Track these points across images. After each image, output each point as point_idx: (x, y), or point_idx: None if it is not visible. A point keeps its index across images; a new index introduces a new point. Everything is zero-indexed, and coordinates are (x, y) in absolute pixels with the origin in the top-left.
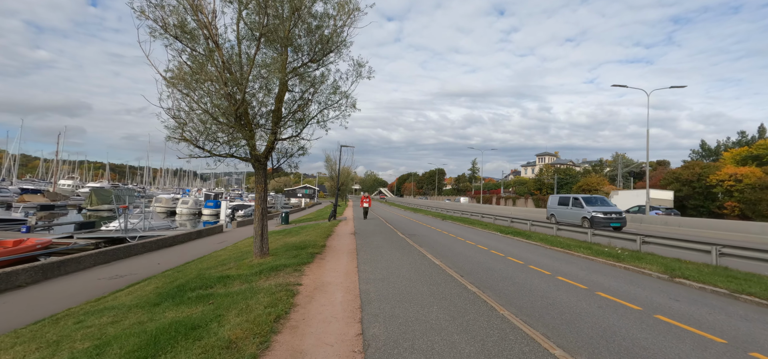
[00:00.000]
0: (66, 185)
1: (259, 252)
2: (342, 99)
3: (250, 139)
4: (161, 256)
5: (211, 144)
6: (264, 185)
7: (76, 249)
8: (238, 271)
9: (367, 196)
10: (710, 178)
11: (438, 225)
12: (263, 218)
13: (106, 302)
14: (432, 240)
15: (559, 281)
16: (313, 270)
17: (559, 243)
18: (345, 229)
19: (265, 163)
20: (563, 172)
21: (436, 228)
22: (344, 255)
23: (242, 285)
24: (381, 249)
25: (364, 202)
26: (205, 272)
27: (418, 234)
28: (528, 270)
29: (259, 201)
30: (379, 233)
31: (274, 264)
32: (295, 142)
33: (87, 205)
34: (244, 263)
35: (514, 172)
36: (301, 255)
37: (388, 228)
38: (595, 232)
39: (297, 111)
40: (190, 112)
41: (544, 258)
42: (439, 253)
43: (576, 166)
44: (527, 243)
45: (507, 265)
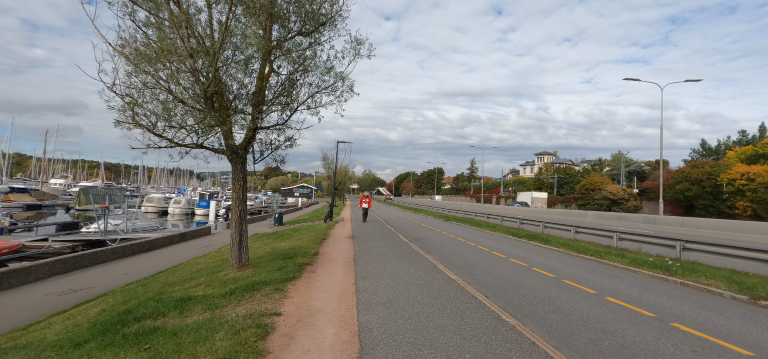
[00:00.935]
0: (58, 184)
1: (237, 263)
2: (337, 81)
3: (225, 126)
4: (135, 263)
5: (175, 131)
6: (243, 182)
7: (50, 253)
8: (206, 290)
9: (367, 196)
10: (721, 176)
11: (442, 227)
12: (242, 222)
13: (29, 333)
14: (439, 245)
15: (612, 305)
16: (300, 289)
17: (585, 250)
18: (342, 232)
19: (244, 156)
20: (563, 172)
21: (440, 231)
22: (340, 265)
23: (203, 315)
24: (383, 257)
25: (363, 202)
26: (167, 289)
27: (422, 237)
28: (565, 286)
29: (236, 201)
30: (379, 237)
31: (253, 279)
32: (282, 131)
33: (75, 205)
34: (217, 278)
35: (512, 171)
36: (287, 268)
37: (388, 231)
38: (621, 237)
39: (283, 93)
40: (143, 89)
41: (575, 268)
42: (451, 263)
43: (575, 165)
44: (548, 249)
45: (537, 279)
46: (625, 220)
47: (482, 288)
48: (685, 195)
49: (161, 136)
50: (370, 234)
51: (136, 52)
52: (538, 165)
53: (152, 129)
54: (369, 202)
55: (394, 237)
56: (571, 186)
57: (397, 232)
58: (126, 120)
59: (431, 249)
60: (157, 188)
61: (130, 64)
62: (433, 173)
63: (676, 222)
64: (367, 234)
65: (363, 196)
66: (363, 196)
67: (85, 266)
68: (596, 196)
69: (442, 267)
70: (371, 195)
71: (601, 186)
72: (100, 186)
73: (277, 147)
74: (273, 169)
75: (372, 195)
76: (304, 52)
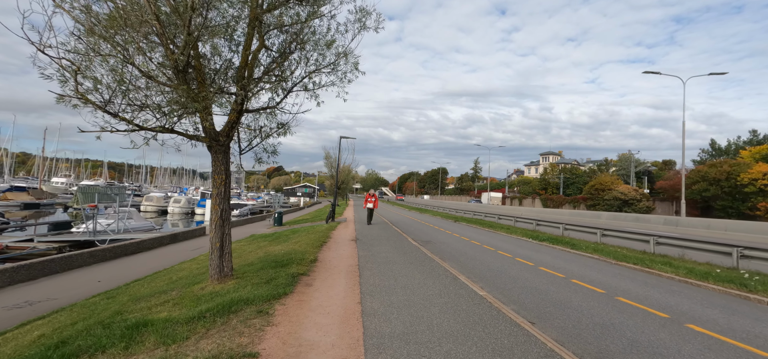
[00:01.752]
0: (60, 183)
1: (217, 273)
2: (340, 59)
3: (198, 103)
4: (115, 268)
5: (137, 111)
6: (225, 176)
7: (35, 254)
8: (172, 310)
9: (372, 195)
10: (741, 176)
11: (452, 228)
12: (224, 224)
13: None
14: (454, 250)
15: (704, 337)
16: (291, 310)
17: (623, 257)
18: (344, 234)
19: (226, 145)
20: (569, 172)
21: (452, 233)
22: (342, 276)
23: (153, 352)
24: (392, 265)
25: (368, 202)
26: (130, 307)
27: (433, 240)
28: (625, 307)
29: (217, 199)
30: (385, 239)
31: (232, 296)
32: (273, 116)
33: (73, 204)
34: (191, 292)
35: (517, 171)
36: (278, 279)
37: (395, 233)
38: (659, 241)
39: (275, 68)
40: (88, 53)
41: (623, 280)
42: (474, 272)
43: (580, 165)
44: (579, 256)
45: (583, 296)
46: (643, 222)
47: (521, 309)
48: (703, 195)
49: (118, 116)
50: (375, 236)
51: (86, 8)
52: (543, 165)
53: (105, 106)
54: (375, 202)
55: (402, 240)
56: (578, 187)
57: (405, 234)
58: (69, 93)
59: (446, 255)
60: (160, 187)
61: (76, 23)
62: (436, 173)
63: (701, 224)
64: (372, 236)
65: (368, 195)
66: (368, 195)
67: (56, 272)
68: (606, 197)
69: (464, 279)
70: (377, 195)
71: (612, 187)
72: (100, 185)
73: (267, 134)
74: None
75: (379, 196)
76: (301, 20)
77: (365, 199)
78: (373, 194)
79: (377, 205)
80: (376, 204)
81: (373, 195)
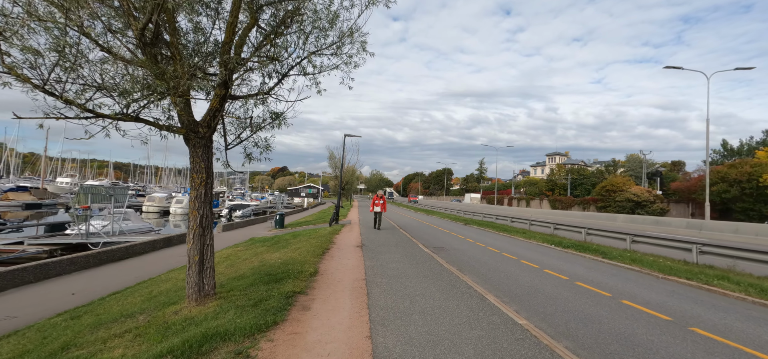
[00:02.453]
0: (64, 183)
1: (196, 293)
2: (344, 38)
3: (173, 88)
4: (96, 277)
5: (91, 93)
6: (206, 176)
7: (24, 258)
8: (129, 348)
9: (380, 196)
10: (764, 177)
11: (463, 232)
12: (205, 234)
13: None
14: (472, 259)
15: None
16: (280, 350)
17: (668, 269)
18: (349, 239)
19: (207, 137)
20: (576, 172)
21: (465, 238)
22: (346, 295)
23: None
24: (405, 280)
25: (375, 205)
26: (78, 341)
27: (447, 247)
28: (711, 344)
29: (196, 203)
30: (394, 246)
31: (209, 327)
32: (264, 103)
33: (74, 204)
34: (162, 317)
35: (522, 172)
36: (270, 300)
37: (403, 238)
38: (702, 250)
39: (266, 45)
40: (19, 15)
41: (683, 301)
42: (502, 289)
43: (588, 166)
44: (614, 266)
45: (650, 327)
46: (663, 225)
47: (579, 347)
48: (723, 197)
49: (62, 98)
50: (382, 241)
51: None
52: (550, 165)
53: (43, 85)
54: (383, 205)
55: (413, 246)
56: (586, 188)
57: (415, 240)
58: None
59: (465, 266)
60: (164, 187)
61: None
62: (441, 174)
63: (727, 228)
64: (379, 242)
65: (376, 197)
66: (376, 197)
67: (28, 282)
68: (618, 198)
69: (494, 299)
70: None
71: (624, 188)
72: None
73: (258, 126)
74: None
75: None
76: None
77: (372, 202)
78: (381, 196)
79: (386, 209)
80: (385, 207)
81: (382, 196)
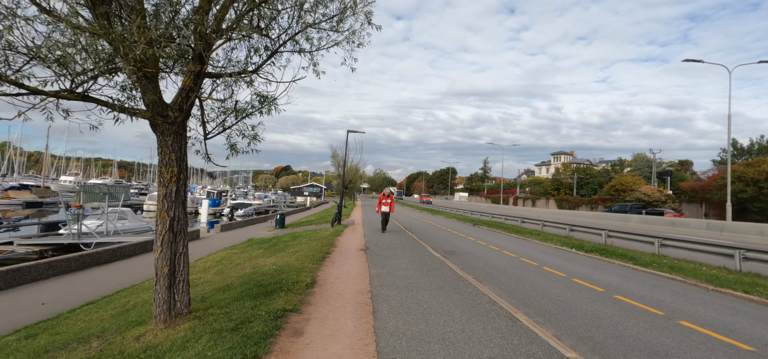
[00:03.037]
0: (68, 181)
1: (165, 313)
2: (346, 9)
3: (127, 54)
4: (73, 283)
5: (24, 64)
6: (177, 169)
7: (12, 259)
8: None
9: (387, 196)
10: None
11: (473, 233)
12: (177, 241)
13: None
14: (488, 265)
15: None
16: None
17: (712, 278)
18: (352, 241)
19: (179, 123)
20: (583, 172)
21: (476, 240)
22: (347, 315)
23: None
24: (417, 292)
25: (383, 205)
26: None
27: (457, 250)
28: None
29: (166, 202)
30: (400, 249)
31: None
32: (250, 84)
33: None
34: (120, 343)
35: (527, 171)
36: (255, 321)
37: (410, 240)
38: (746, 256)
39: (252, 11)
40: None
41: (753, 321)
42: (533, 306)
43: (594, 165)
44: (650, 276)
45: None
46: (681, 227)
47: None
48: (739, 197)
49: None
50: (387, 244)
51: None
52: (555, 165)
53: None
54: (391, 205)
55: (421, 249)
56: (592, 187)
57: (423, 242)
58: None
59: (482, 273)
60: None
61: None
62: (445, 173)
63: (753, 230)
64: (384, 244)
65: (383, 197)
66: (383, 197)
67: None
68: (628, 198)
69: (526, 320)
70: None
71: (634, 187)
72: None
73: (245, 112)
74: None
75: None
76: None
77: (378, 202)
78: (388, 195)
79: (394, 209)
80: (393, 207)
81: (389, 196)
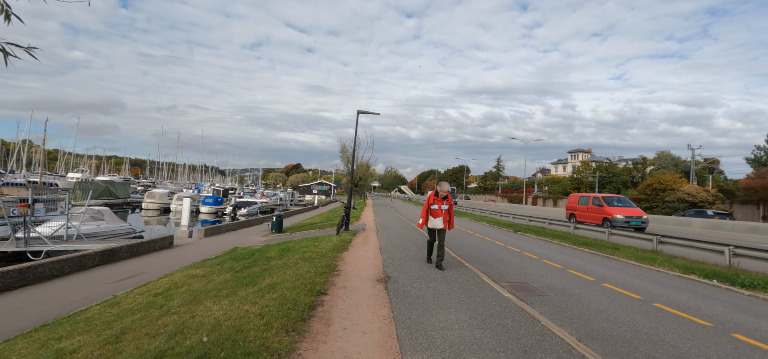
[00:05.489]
0: (74, 178)
1: None
2: None
3: None
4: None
5: None
6: None
7: None
8: None
9: (444, 198)
10: None
11: (524, 244)
12: None
13: None
14: (610, 320)
15: None
16: None
17: None
18: (363, 260)
19: None
20: (605, 170)
21: (542, 260)
22: None
23: None
24: None
25: (434, 214)
26: None
27: (532, 282)
28: None
29: None
30: (441, 279)
31: None
32: None
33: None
34: None
35: (541, 169)
36: None
37: (452, 260)
38: None
39: None
40: None
41: None
42: None
43: (614, 164)
44: None
45: None
46: (762, 233)
47: None
48: None
49: None
50: (417, 270)
51: None
52: (572, 163)
53: None
54: (448, 218)
55: (472, 279)
56: (615, 186)
57: (468, 263)
58: None
59: (621, 348)
60: (175, 183)
61: None
62: (458, 171)
63: None
64: (411, 266)
65: (434, 199)
66: (434, 199)
67: None
68: (668, 198)
69: None
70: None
71: (675, 186)
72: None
73: None
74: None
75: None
76: None
77: (425, 208)
78: (445, 196)
79: (453, 223)
80: (452, 220)
81: (445, 198)
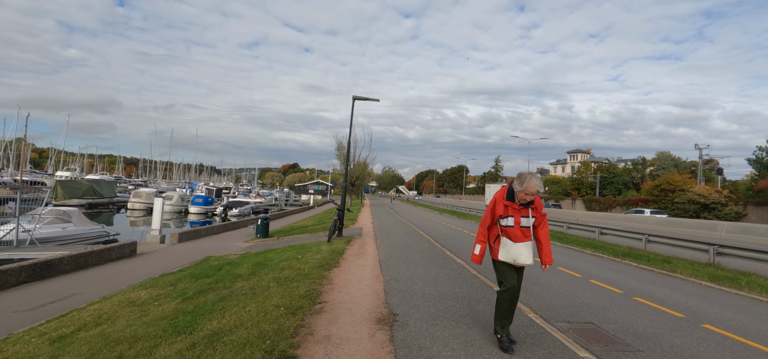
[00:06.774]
0: (64, 176)
1: None
2: None
3: None
4: None
5: None
6: None
7: None
8: None
9: (530, 202)
10: None
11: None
12: None
13: None
14: None
15: None
16: None
17: None
18: (359, 283)
19: None
20: (606, 170)
21: (588, 279)
22: None
23: None
24: None
25: (516, 239)
26: None
27: (616, 328)
28: None
29: None
30: (464, 321)
31: None
32: None
33: (52, 200)
34: None
35: (540, 170)
36: None
37: (466, 277)
38: None
39: None
40: None
41: None
42: None
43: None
44: None
45: None
46: None
47: None
48: None
49: None
50: (435, 303)
51: None
52: (571, 163)
53: None
54: (544, 241)
55: (530, 324)
56: (617, 187)
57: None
58: None
59: None
60: (169, 182)
61: None
62: (456, 171)
63: None
64: (431, 307)
65: (514, 206)
66: (514, 206)
67: None
68: (678, 199)
69: None
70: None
71: (684, 187)
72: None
73: None
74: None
75: (398, 193)
76: None
77: (489, 220)
78: (529, 198)
79: (551, 256)
80: (546, 247)
81: (532, 205)
